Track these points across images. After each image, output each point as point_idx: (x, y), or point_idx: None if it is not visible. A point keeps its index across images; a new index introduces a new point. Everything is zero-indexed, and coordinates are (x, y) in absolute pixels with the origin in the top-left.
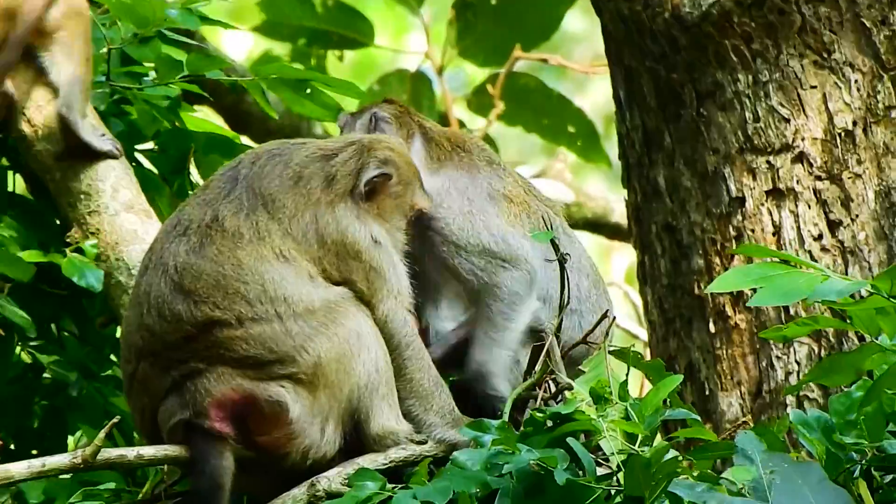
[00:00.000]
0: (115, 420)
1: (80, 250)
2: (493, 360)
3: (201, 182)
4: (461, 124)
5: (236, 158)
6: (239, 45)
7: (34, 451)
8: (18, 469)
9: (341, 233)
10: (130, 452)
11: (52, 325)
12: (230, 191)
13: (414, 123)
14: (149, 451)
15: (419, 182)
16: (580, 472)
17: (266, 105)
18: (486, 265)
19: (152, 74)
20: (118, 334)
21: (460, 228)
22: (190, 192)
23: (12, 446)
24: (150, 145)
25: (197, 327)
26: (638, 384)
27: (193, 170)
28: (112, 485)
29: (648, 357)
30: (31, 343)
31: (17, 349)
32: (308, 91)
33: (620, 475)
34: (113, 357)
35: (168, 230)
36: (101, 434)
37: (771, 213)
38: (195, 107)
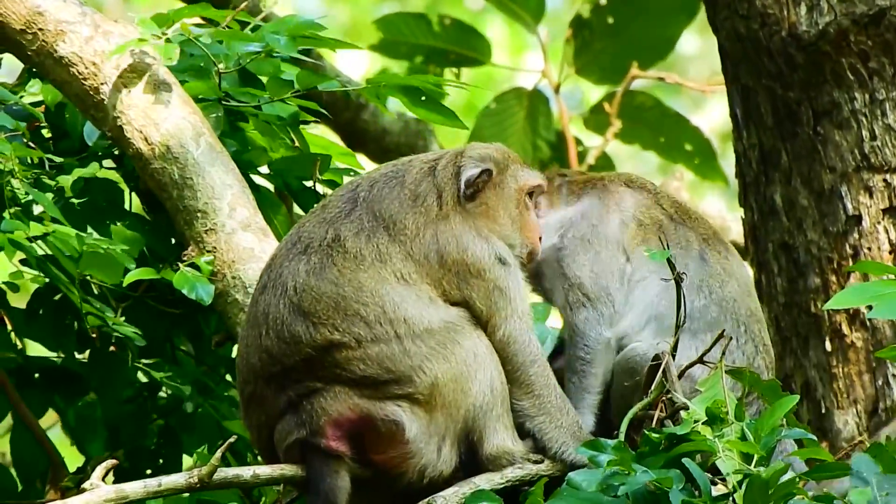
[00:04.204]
0: (231, 440)
1: (194, 266)
2: (577, 402)
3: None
4: (578, 142)
5: (354, 181)
6: (355, 64)
7: (148, 471)
8: (134, 488)
9: (461, 251)
10: (246, 472)
11: (167, 345)
12: (350, 211)
13: (559, 177)
14: (265, 470)
15: (520, 164)
16: (696, 493)
17: (383, 107)
18: (573, 300)
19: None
20: (234, 353)
21: (572, 259)
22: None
23: (126, 465)
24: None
25: (316, 349)
26: None
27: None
28: None
29: None
30: (146, 362)
31: (134, 368)
32: (423, 98)
33: (737, 496)
34: (229, 377)
35: (289, 247)
36: (218, 454)
37: (887, 231)
38: (311, 124)
